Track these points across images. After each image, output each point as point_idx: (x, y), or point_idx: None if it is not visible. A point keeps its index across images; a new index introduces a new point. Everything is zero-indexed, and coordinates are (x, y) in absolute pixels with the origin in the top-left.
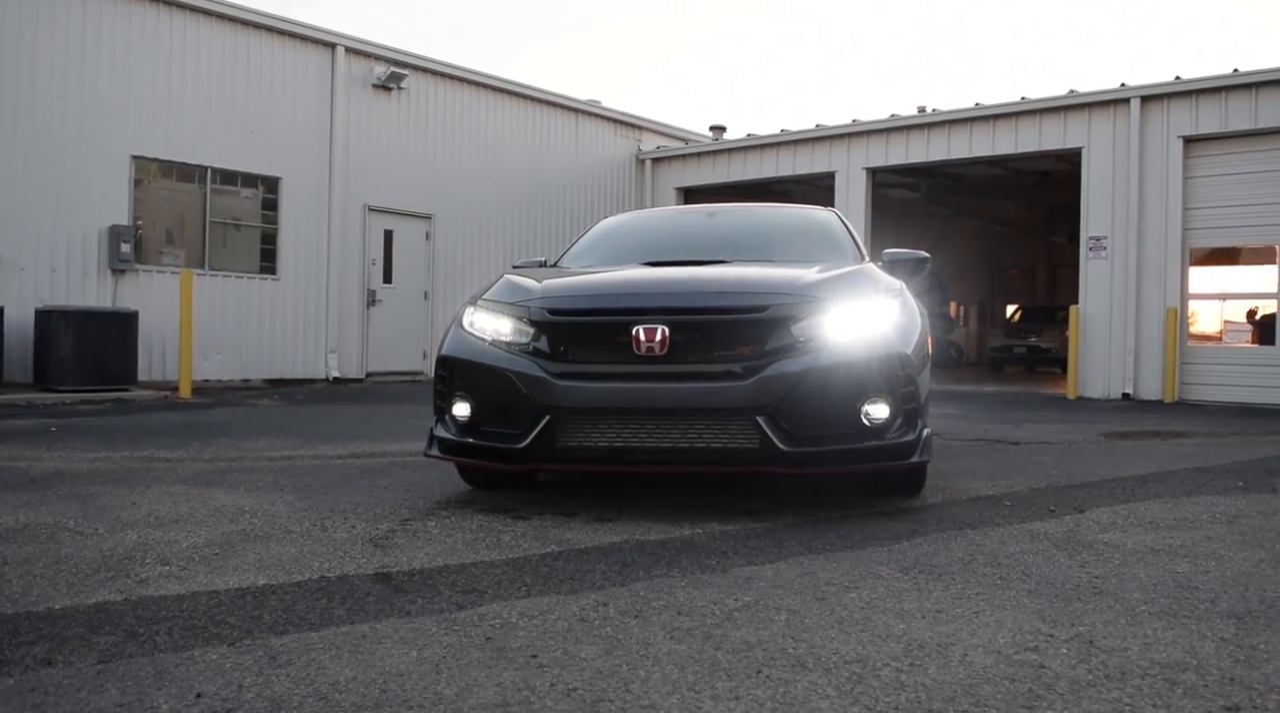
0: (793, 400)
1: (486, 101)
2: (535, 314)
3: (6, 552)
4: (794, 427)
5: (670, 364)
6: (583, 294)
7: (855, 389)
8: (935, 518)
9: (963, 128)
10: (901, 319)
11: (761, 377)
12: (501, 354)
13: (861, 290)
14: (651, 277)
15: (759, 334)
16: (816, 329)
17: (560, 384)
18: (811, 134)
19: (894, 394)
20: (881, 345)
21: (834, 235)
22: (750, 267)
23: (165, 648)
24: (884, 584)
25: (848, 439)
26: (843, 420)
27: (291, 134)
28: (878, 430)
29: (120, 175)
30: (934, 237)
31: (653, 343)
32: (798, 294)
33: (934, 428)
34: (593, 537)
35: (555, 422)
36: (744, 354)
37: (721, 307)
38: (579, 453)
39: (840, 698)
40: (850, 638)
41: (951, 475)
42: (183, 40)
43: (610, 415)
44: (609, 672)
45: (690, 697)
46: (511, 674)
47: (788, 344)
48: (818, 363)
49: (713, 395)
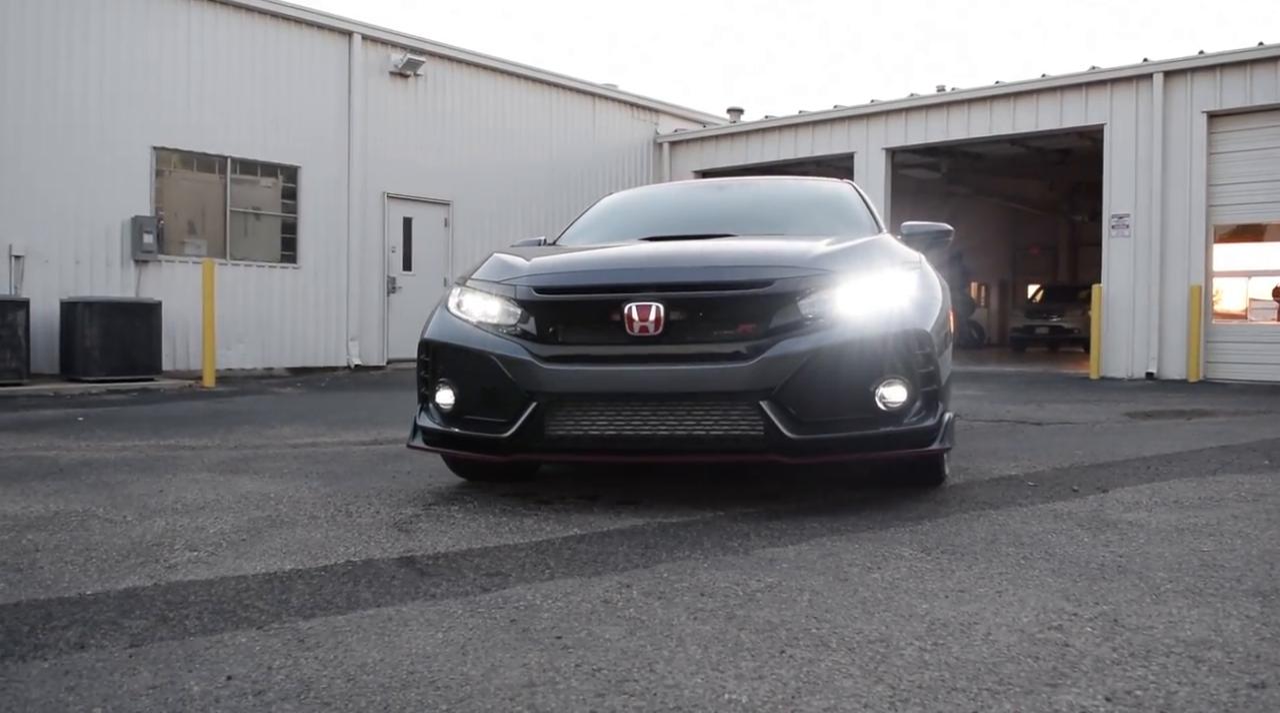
0: (800, 383)
1: (503, 87)
2: (522, 293)
3: (38, 539)
4: (802, 412)
5: (667, 345)
6: (572, 271)
7: (869, 370)
8: (958, 498)
9: (983, 106)
10: (920, 294)
11: (765, 357)
12: (487, 337)
13: (876, 263)
14: (646, 251)
15: (763, 311)
16: (826, 305)
17: (547, 369)
18: (830, 115)
19: (912, 375)
20: (898, 322)
21: (850, 207)
22: (756, 240)
23: (195, 632)
24: (906, 564)
25: (861, 425)
26: (855, 404)
27: (310, 123)
28: (894, 415)
29: (142, 166)
30: (954, 216)
31: (647, 322)
32: (805, 267)
33: (956, 409)
34: (615, 520)
35: (543, 409)
36: (747, 333)
37: (721, 282)
38: (571, 442)
39: (864, 677)
40: (873, 618)
41: (974, 456)
42: (201, 31)
43: (602, 402)
44: (633, 652)
45: (714, 676)
46: (536, 656)
47: (794, 322)
48: (827, 342)
49: (713, 378)
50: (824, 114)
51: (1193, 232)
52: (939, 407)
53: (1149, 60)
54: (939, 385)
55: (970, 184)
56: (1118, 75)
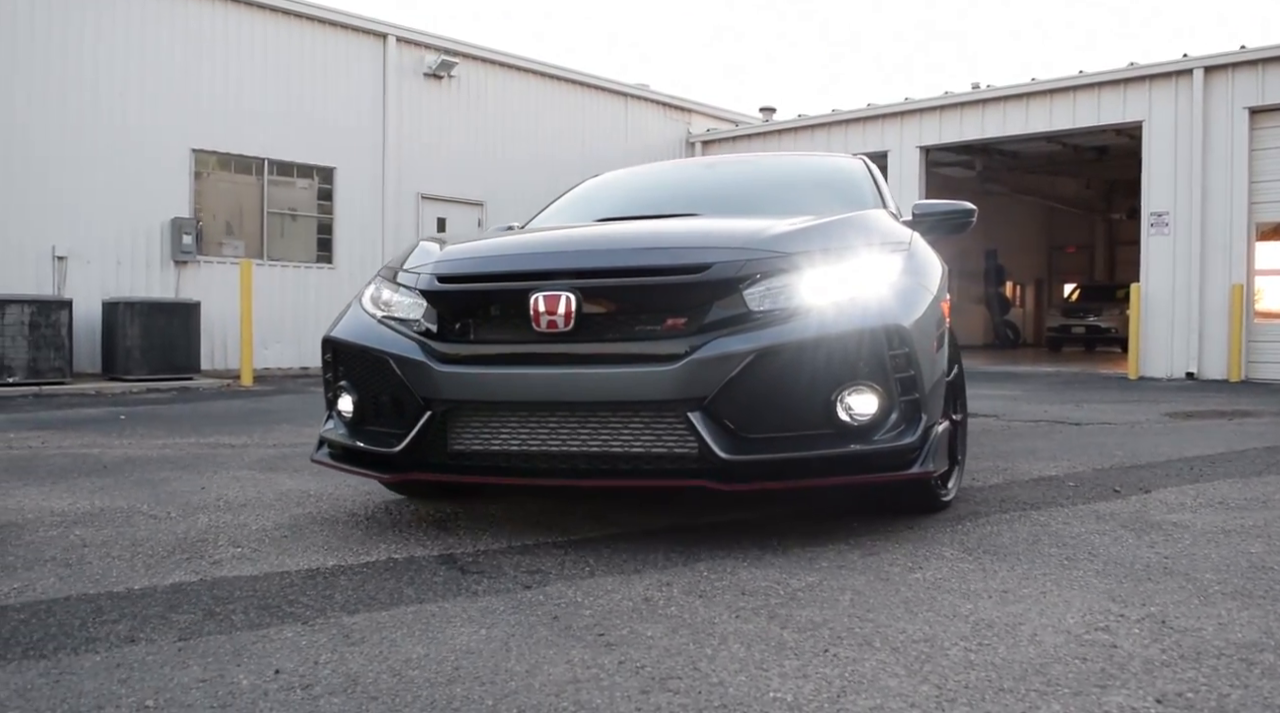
0: (739, 390)
1: (535, 87)
2: (424, 283)
3: (86, 535)
4: (743, 426)
5: (579, 343)
6: (480, 257)
7: (830, 375)
8: (997, 498)
9: (1019, 103)
10: (904, 280)
11: (695, 359)
12: (385, 335)
13: (849, 243)
14: (566, 234)
15: (697, 302)
16: (779, 294)
17: (444, 371)
18: (863, 113)
19: (885, 381)
20: (871, 315)
21: (854, 185)
22: (712, 219)
23: (242, 626)
24: (948, 565)
25: (820, 443)
26: (812, 417)
27: (345, 124)
28: (863, 431)
29: (181, 169)
30: (989, 215)
31: (555, 315)
32: (755, 249)
33: (992, 409)
34: (652, 519)
35: (441, 419)
36: (677, 329)
37: (647, 266)
38: (477, 460)
39: (909, 677)
40: (916, 618)
41: (1012, 456)
42: (239, 34)
43: (509, 411)
44: (676, 650)
45: (758, 675)
46: (580, 653)
47: (738, 315)
48: (775, 339)
49: (632, 384)
50: (857, 112)
51: (1234, 229)
52: (921, 419)
53: (1189, 56)
54: (922, 393)
55: (1006, 182)
56: (1157, 71)
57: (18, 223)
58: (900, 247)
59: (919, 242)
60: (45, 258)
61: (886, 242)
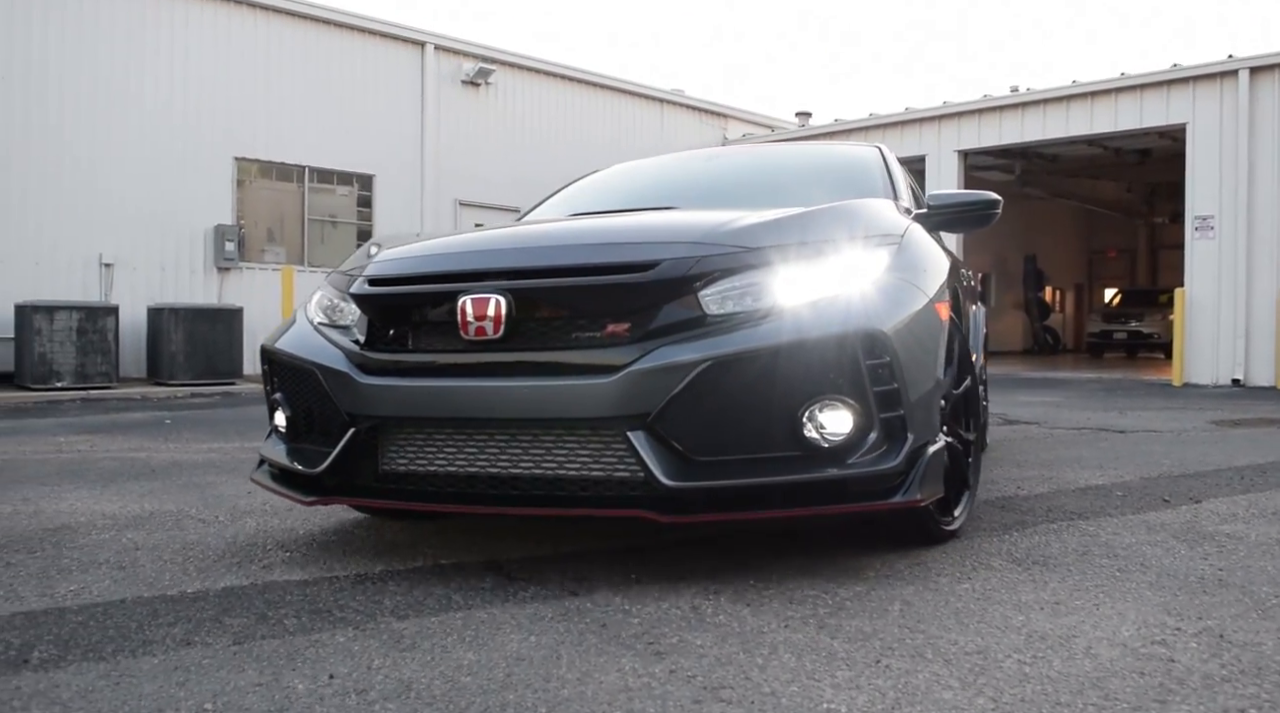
0: (687, 406)
1: (572, 94)
2: (356, 287)
3: (137, 538)
4: (693, 447)
5: (510, 352)
6: (414, 257)
7: (795, 388)
8: (1044, 508)
9: (1059, 106)
10: (891, 278)
11: (636, 370)
12: (316, 343)
13: (827, 236)
14: (507, 231)
15: (643, 304)
16: (740, 295)
17: (365, 383)
18: (900, 117)
19: (861, 395)
20: (844, 319)
21: (863, 174)
22: (681, 212)
23: (294, 631)
24: (997, 575)
25: (784, 467)
26: (775, 438)
27: (384, 132)
28: (835, 453)
29: (224, 176)
30: (1028, 220)
31: (484, 321)
32: (713, 244)
33: (1034, 416)
34: (695, 528)
35: (368, 437)
36: (618, 336)
37: (585, 265)
38: (409, 482)
39: (964, 689)
40: (968, 629)
41: (1057, 465)
42: (280, 44)
43: (435, 428)
44: (726, 659)
45: (811, 685)
46: (630, 661)
47: (691, 319)
48: (731, 347)
49: (565, 399)
50: (894, 116)
51: None
52: (906, 439)
53: (1234, 57)
54: (908, 409)
55: (1045, 186)
56: (1201, 73)
57: (67, 231)
58: (889, 240)
59: (917, 235)
60: (92, 265)
61: (873, 234)
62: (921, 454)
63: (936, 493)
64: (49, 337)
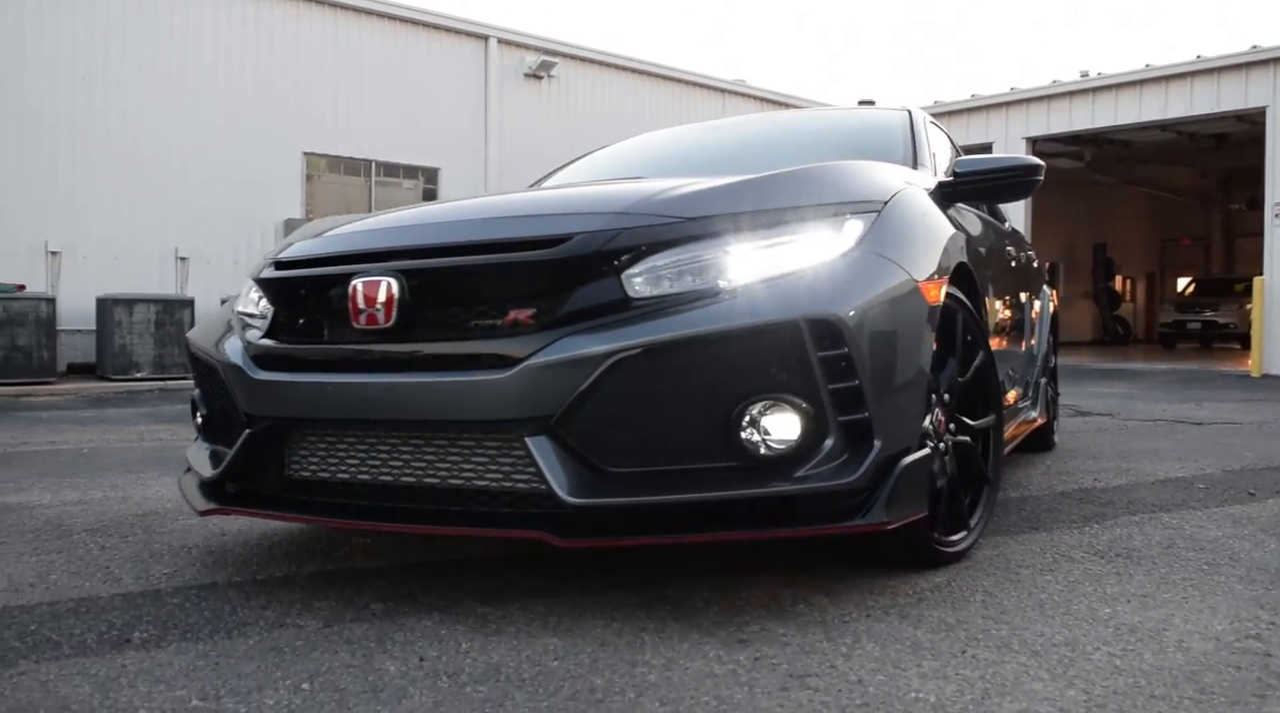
0: (599, 407)
1: (632, 85)
2: (264, 271)
3: (223, 524)
4: (606, 456)
5: (403, 343)
6: (322, 237)
7: (729, 385)
8: (1124, 500)
9: (1131, 91)
10: (858, 254)
11: (534, 364)
12: (225, 335)
13: (788, 203)
14: (418, 209)
15: (552, 286)
16: (673, 274)
17: (258, 379)
18: (966, 104)
19: (812, 394)
20: (791, 303)
21: (882, 139)
22: (627, 182)
23: (380, 615)
24: (1080, 568)
25: (716, 481)
26: (705, 444)
27: (449, 125)
28: (780, 464)
29: (293, 171)
30: (1098, 207)
31: (375, 307)
32: (640, 214)
33: (1106, 407)
34: None
35: (267, 438)
36: (522, 324)
37: (486, 241)
38: (316, 492)
39: (1053, 681)
40: (1054, 621)
41: (1133, 457)
42: (347, 39)
43: (335, 430)
44: (810, 648)
45: (897, 674)
46: (714, 648)
47: (610, 303)
48: (651, 336)
49: (455, 397)
50: (960, 103)
51: None
52: (871, 447)
53: None
54: (873, 410)
55: (1116, 173)
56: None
57: (144, 227)
58: (865, 207)
59: (908, 202)
60: (169, 259)
61: (847, 201)
62: (892, 466)
63: (913, 514)
64: (128, 329)
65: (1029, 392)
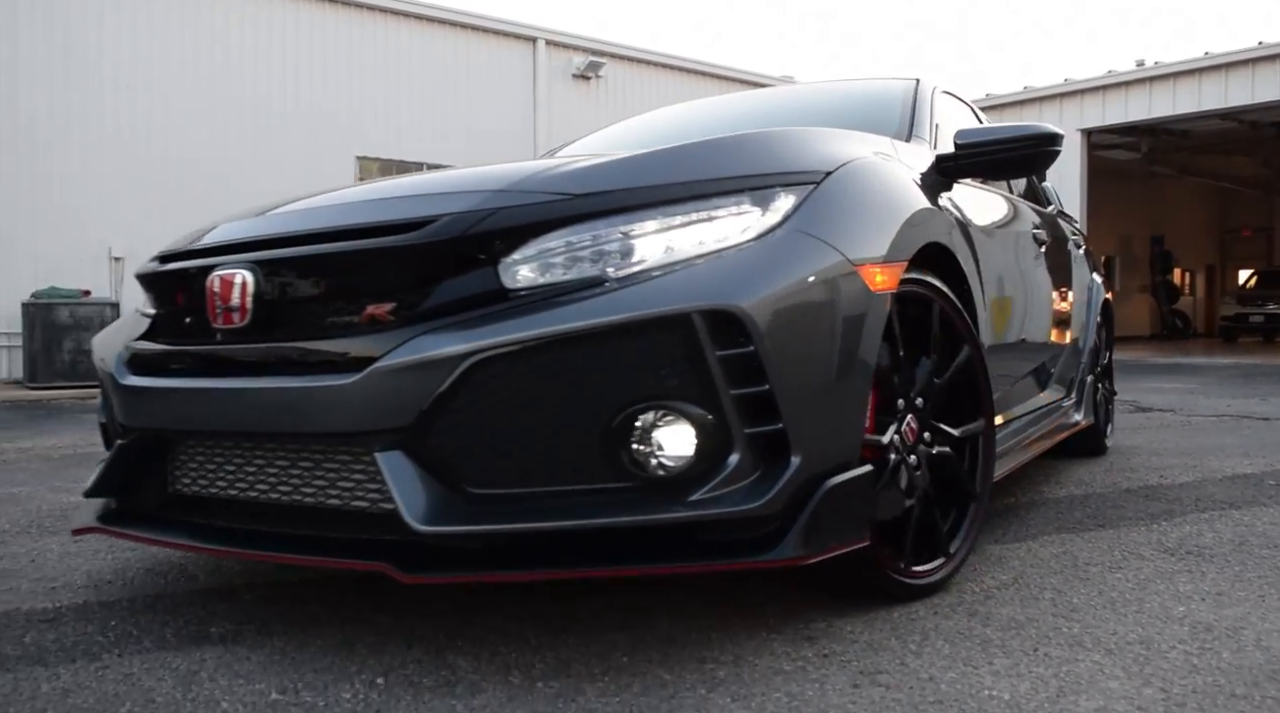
0: (458, 416)
1: (681, 84)
2: (146, 266)
3: None
4: (469, 475)
5: (260, 342)
6: (205, 228)
7: (610, 391)
8: (1192, 496)
9: (1189, 79)
10: (783, 234)
11: (383, 367)
12: (113, 336)
13: (700, 176)
14: (306, 197)
15: (415, 277)
16: (562, 261)
17: (128, 385)
18: (1019, 96)
19: (711, 401)
20: (690, 292)
21: (878, 109)
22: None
23: (449, 612)
24: (1150, 565)
25: (595, 506)
26: (585, 462)
27: (497, 127)
28: (675, 485)
29: (347, 175)
30: (1155, 199)
31: (230, 304)
32: (520, 192)
33: (1167, 403)
34: None
35: (142, 451)
36: (380, 320)
37: (344, 228)
38: (198, 511)
39: (1129, 679)
40: (1126, 619)
41: (1199, 453)
42: (399, 44)
43: (208, 441)
44: (878, 645)
45: (969, 672)
46: (781, 645)
47: (482, 294)
48: (515, 334)
49: (300, 406)
50: (1012, 95)
51: None
52: (788, 465)
53: None
54: (790, 420)
55: (1173, 164)
56: None
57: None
58: (801, 180)
59: (857, 174)
60: None
61: (776, 174)
62: (815, 488)
63: (842, 545)
64: None
65: (1072, 391)
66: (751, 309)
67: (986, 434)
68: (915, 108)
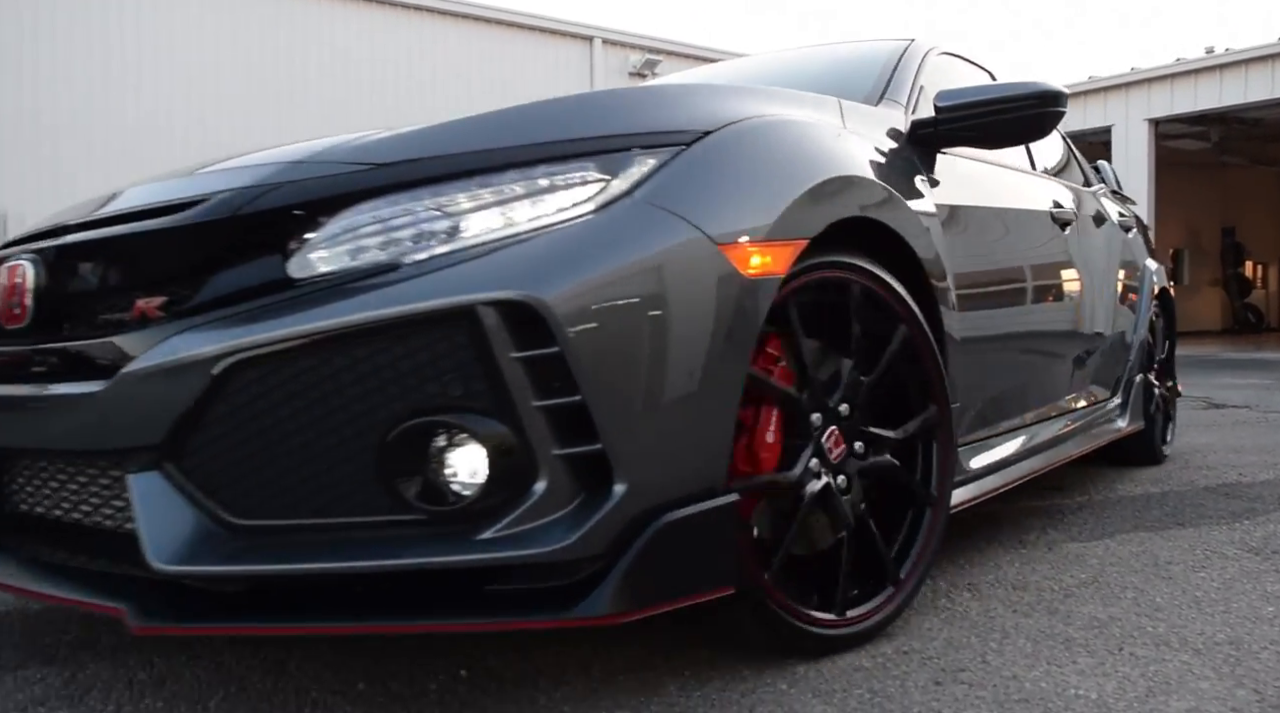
0: (216, 432)
1: None
2: None
3: None
4: (234, 503)
5: (39, 341)
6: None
7: (385, 404)
8: (1274, 495)
9: (1262, 66)
10: (624, 208)
11: (131, 372)
12: None
13: (530, 141)
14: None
15: (188, 265)
16: (362, 245)
17: None
18: (1084, 86)
19: (507, 414)
20: (486, 279)
21: (856, 70)
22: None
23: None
24: (1234, 565)
25: (373, 545)
26: (358, 490)
27: None
28: (464, 519)
29: None
30: (1226, 189)
31: (13, 300)
32: (311, 164)
33: (1243, 399)
34: None
35: None
36: (149, 317)
37: (119, 212)
38: (30, 533)
39: (1221, 680)
40: (1213, 619)
41: (1277, 451)
42: (458, 43)
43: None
44: (958, 643)
45: (1054, 671)
46: (855, 642)
47: (264, 284)
48: (274, 332)
49: (55, 417)
50: (1077, 85)
51: None
52: (610, 495)
53: None
54: (611, 439)
55: (1246, 153)
56: None
57: None
58: (664, 143)
59: (746, 135)
60: None
61: (632, 135)
62: (644, 525)
63: (685, 595)
64: None
65: (1118, 391)
66: (555, 301)
67: (943, 423)
68: (896, 70)
